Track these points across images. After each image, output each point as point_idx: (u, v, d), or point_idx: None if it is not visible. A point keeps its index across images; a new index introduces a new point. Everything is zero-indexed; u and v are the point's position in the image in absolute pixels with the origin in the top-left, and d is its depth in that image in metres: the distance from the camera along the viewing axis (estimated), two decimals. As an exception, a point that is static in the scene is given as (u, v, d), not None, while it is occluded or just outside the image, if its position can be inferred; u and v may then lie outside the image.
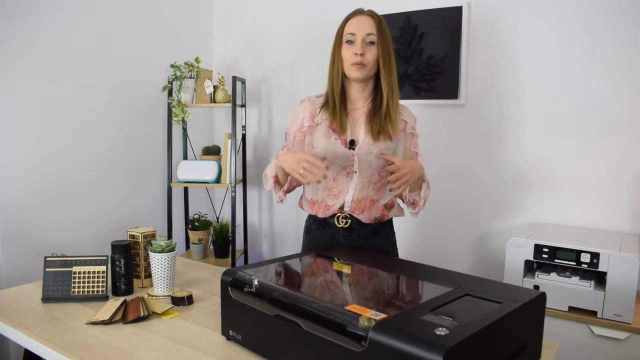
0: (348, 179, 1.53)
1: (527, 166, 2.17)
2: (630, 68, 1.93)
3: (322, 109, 1.55)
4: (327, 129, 1.53)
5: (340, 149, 1.51)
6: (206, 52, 3.03)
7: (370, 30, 1.46)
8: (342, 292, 1.14)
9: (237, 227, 2.79)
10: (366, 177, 1.52)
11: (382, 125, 1.48)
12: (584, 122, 2.04)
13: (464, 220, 2.34)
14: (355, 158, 1.51)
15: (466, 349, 0.81)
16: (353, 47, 1.47)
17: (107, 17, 2.43)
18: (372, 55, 1.47)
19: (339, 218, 1.55)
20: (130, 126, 2.61)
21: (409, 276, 1.20)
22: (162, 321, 1.31)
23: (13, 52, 2.07)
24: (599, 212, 2.03)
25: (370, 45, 1.47)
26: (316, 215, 1.59)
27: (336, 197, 1.54)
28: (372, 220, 1.56)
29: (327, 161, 1.47)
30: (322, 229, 1.59)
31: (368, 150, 1.50)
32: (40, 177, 2.21)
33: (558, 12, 2.04)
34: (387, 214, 1.58)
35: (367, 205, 1.54)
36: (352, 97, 1.56)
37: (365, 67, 1.47)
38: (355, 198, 1.53)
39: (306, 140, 1.57)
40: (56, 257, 1.50)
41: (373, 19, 1.48)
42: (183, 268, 1.80)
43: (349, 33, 1.48)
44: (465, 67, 2.24)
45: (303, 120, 1.56)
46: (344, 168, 1.53)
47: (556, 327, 1.73)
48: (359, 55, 1.45)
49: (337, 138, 1.51)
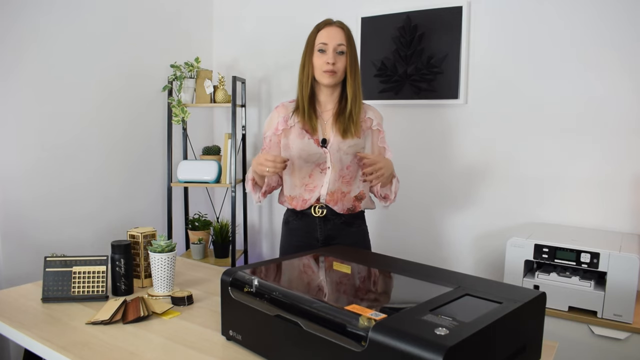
0: (322, 174, 1.68)
1: (527, 166, 2.17)
2: (630, 68, 1.93)
3: (294, 112, 1.70)
4: (300, 130, 1.68)
5: (314, 147, 1.66)
6: (206, 52, 3.03)
7: (341, 41, 1.62)
8: (342, 292, 1.14)
9: (237, 227, 2.79)
10: (337, 172, 1.67)
11: (347, 125, 1.64)
12: (584, 122, 2.04)
13: (464, 220, 2.34)
14: (327, 155, 1.66)
15: (466, 349, 0.81)
16: (325, 56, 1.61)
17: (107, 17, 2.43)
18: (342, 64, 1.63)
19: (316, 208, 1.70)
20: (130, 126, 2.61)
21: (409, 276, 1.20)
22: (162, 321, 1.31)
23: (13, 52, 2.07)
24: (599, 212, 2.04)
25: (340, 54, 1.62)
26: (295, 208, 1.72)
27: (312, 192, 1.69)
28: (345, 210, 1.70)
29: (297, 157, 1.67)
30: (299, 219, 1.74)
31: (338, 148, 1.65)
32: (40, 177, 2.21)
33: (558, 12, 2.04)
34: (359, 205, 1.72)
35: (339, 197, 1.69)
36: (322, 100, 1.71)
37: (336, 74, 1.62)
38: (329, 191, 1.68)
39: (282, 142, 1.72)
40: (56, 257, 1.50)
41: (343, 30, 1.64)
42: (183, 268, 1.80)
43: (322, 42, 1.62)
44: (465, 67, 2.24)
45: (278, 125, 1.71)
46: (317, 165, 1.68)
47: (556, 327, 1.73)
48: (331, 64, 1.60)
49: (310, 138, 1.67)
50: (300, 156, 1.67)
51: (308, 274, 1.29)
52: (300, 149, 1.66)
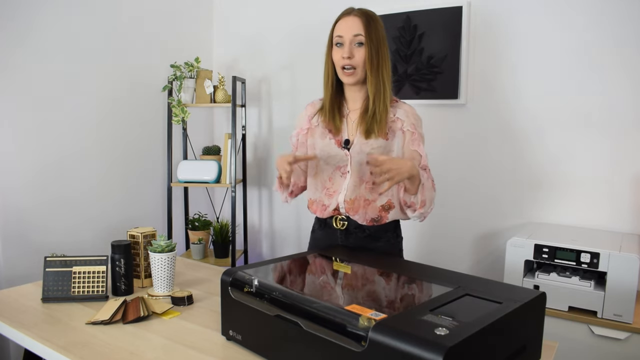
0: (342, 178, 1.54)
1: (527, 166, 2.17)
2: (630, 68, 1.93)
3: (318, 112, 1.59)
4: (323, 130, 1.57)
5: (334, 149, 1.53)
6: (206, 52, 3.03)
7: (358, 31, 1.45)
8: (342, 292, 1.14)
9: (237, 227, 2.79)
10: (358, 177, 1.51)
11: (370, 125, 1.48)
12: (584, 122, 2.03)
13: (464, 220, 2.34)
14: (348, 158, 1.52)
15: (466, 349, 0.81)
16: (341, 50, 1.47)
17: (107, 17, 2.43)
18: (360, 57, 1.46)
19: (337, 220, 1.55)
20: (130, 126, 2.61)
21: (409, 276, 1.20)
22: (162, 321, 1.31)
23: (13, 53, 2.07)
24: (599, 212, 2.03)
25: (359, 46, 1.45)
26: (315, 214, 1.60)
27: (331, 197, 1.55)
28: (368, 221, 1.52)
29: (316, 158, 1.54)
30: (322, 229, 1.61)
31: (360, 150, 1.50)
32: (40, 177, 2.21)
33: (558, 12, 2.04)
34: (386, 215, 1.52)
35: (361, 205, 1.51)
36: (349, 97, 1.57)
37: (356, 70, 1.47)
38: (348, 198, 1.51)
39: (308, 142, 1.62)
40: (56, 257, 1.50)
41: (360, 18, 1.46)
42: (183, 268, 1.80)
43: (338, 35, 1.48)
44: (465, 67, 2.24)
45: (303, 124, 1.62)
46: (338, 168, 1.54)
47: (556, 327, 1.73)
48: (347, 58, 1.45)
49: (332, 138, 1.55)
50: (321, 157, 1.56)
51: (308, 274, 1.29)
52: (320, 150, 1.55)
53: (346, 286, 1.18)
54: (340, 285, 1.18)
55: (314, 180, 1.60)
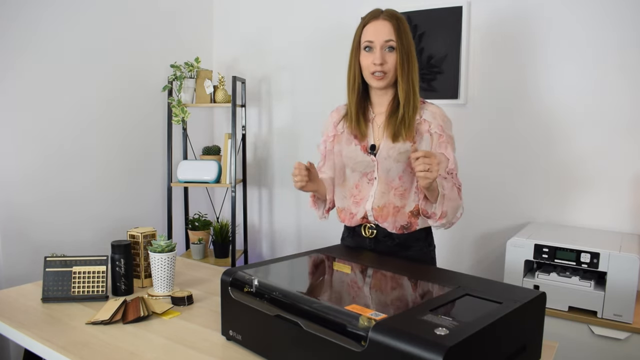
0: (370, 185, 1.50)
1: (527, 166, 2.17)
2: (631, 67, 1.93)
3: (343, 117, 1.56)
4: (348, 137, 1.53)
5: (360, 155, 1.49)
6: (206, 52, 3.03)
7: (389, 37, 1.41)
8: (342, 292, 1.14)
9: (237, 227, 2.79)
10: (386, 183, 1.47)
11: (398, 129, 1.44)
12: (584, 121, 2.03)
13: (464, 220, 2.33)
14: (375, 164, 1.47)
15: (466, 349, 0.81)
16: (372, 56, 1.42)
17: (107, 17, 2.43)
18: (392, 62, 1.42)
19: (366, 228, 1.52)
20: (131, 126, 2.61)
21: (409, 276, 1.20)
22: (162, 321, 1.31)
23: (13, 53, 2.07)
24: (598, 212, 2.03)
25: (390, 51, 1.42)
26: (344, 222, 1.58)
27: (358, 205, 1.52)
28: (398, 229, 1.47)
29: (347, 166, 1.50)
30: (351, 237, 1.58)
31: (387, 155, 1.45)
32: (40, 177, 2.21)
33: (558, 12, 2.04)
34: (415, 222, 1.47)
35: (390, 212, 1.47)
36: (375, 102, 1.53)
37: (387, 75, 1.43)
38: (375, 205, 1.48)
39: (335, 149, 1.58)
40: (56, 257, 1.50)
41: (390, 22, 1.42)
42: (183, 268, 1.80)
43: (367, 40, 1.43)
44: (465, 67, 2.24)
45: (328, 131, 1.59)
46: (365, 174, 1.50)
47: (556, 327, 1.73)
48: (379, 64, 1.41)
49: (358, 144, 1.50)
50: (347, 164, 1.53)
51: (308, 274, 1.29)
52: (346, 157, 1.52)
53: (346, 286, 1.17)
54: (340, 285, 1.18)
55: (341, 189, 1.57)
